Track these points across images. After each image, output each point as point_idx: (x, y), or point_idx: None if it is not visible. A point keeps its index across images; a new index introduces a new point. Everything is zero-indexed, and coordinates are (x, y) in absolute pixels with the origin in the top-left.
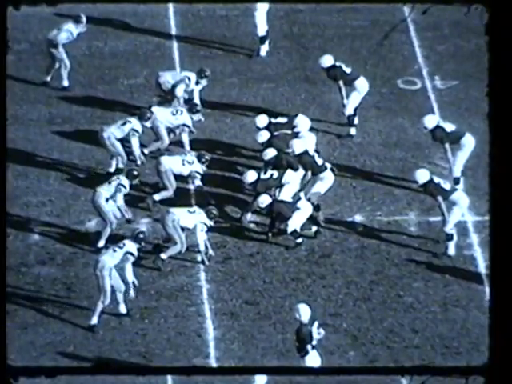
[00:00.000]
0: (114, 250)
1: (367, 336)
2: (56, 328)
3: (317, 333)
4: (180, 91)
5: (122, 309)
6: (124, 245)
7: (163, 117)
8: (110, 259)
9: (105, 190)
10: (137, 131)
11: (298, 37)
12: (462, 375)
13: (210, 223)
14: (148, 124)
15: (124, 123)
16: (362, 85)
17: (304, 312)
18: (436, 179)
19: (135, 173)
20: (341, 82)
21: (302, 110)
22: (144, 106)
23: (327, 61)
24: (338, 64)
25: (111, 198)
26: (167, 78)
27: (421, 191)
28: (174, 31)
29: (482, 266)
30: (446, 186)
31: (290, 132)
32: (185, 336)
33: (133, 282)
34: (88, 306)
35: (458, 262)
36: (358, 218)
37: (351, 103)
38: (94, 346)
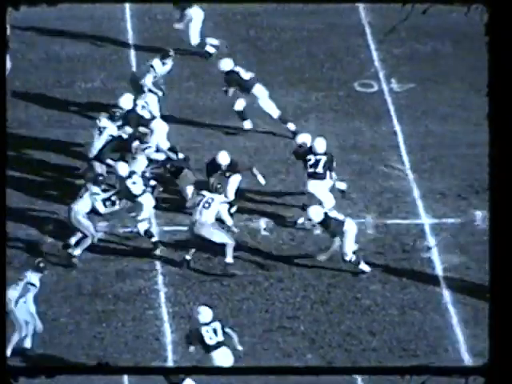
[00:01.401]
0: (17, 284)
1: (325, 339)
2: None
3: (221, 332)
4: (149, 81)
5: (27, 343)
6: (25, 276)
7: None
8: (12, 292)
9: (81, 206)
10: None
11: (255, 40)
12: (461, 375)
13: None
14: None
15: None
16: (260, 91)
17: (205, 314)
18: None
19: (101, 178)
20: (233, 89)
21: (259, 112)
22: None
23: (226, 65)
24: (236, 69)
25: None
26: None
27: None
28: (130, 35)
29: (439, 269)
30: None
31: None
32: (142, 339)
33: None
34: None
35: (416, 265)
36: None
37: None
38: (51, 349)
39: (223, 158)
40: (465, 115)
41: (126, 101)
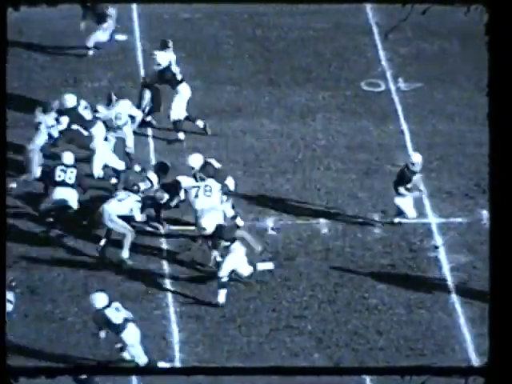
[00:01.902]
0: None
1: (332, 338)
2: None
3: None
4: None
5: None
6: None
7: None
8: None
9: (116, 208)
10: None
11: (262, 39)
12: (461, 375)
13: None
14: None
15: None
16: (185, 90)
17: (99, 299)
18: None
19: (136, 187)
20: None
21: (266, 112)
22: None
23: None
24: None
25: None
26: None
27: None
28: (137, 34)
29: (446, 268)
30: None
31: None
32: (150, 339)
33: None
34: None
35: (423, 264)
36: (322, 220)
37: (175, 108)
38: (59, 348)
39: (195, 161)
40: (472, 114)
41: (69, 99)
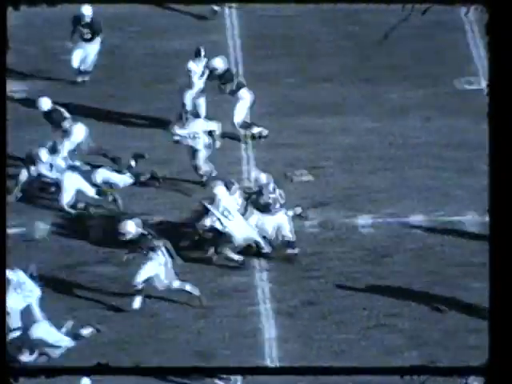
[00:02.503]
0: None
1: (425, 336)
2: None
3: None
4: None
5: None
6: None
7: None
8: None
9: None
10: None
11: (358, 37)
12: (462, 375)
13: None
14: None
15: None
16: (246, 95)
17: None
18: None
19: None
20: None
21: (361, 109)
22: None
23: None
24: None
25: None
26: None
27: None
28: (236, 31)
29: None
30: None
31: None
32: (242, 335)
33: None
34: None
35: None
36: (417, 218)
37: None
38: (155, 344)
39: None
40: None
41: (44, 103)
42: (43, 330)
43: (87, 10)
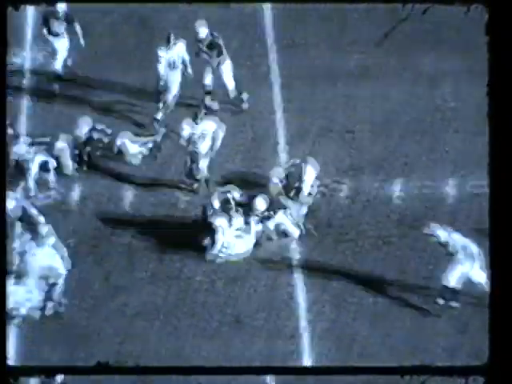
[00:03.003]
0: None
1: (459, 300)
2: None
3: None
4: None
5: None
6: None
7: None
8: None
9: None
10: None
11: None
12: (461, 375)
13: None
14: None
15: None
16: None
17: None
18: None
19: None
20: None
21: (393, 75)
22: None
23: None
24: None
25: None
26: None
27: None
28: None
29: None
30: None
31: None
32: (276, 299)
33: None
34: None
35: None
36: (451, 182)
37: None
38: (186, 309)
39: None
40: None
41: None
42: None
43: (61, 5)
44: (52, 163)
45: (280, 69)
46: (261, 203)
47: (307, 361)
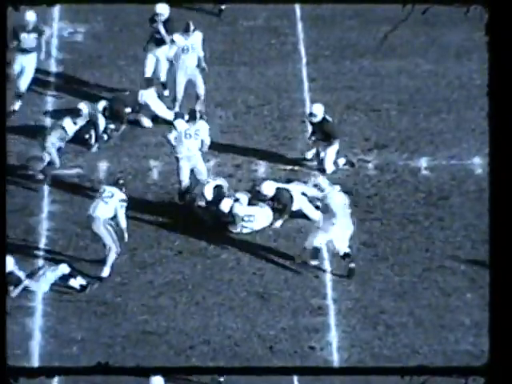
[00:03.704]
0: (106, 202)
1: (485, 279)
2: None
3: None
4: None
5: (105, 272)
6: (112, 194)
7: None
8: (104, 212)
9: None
10: None
11: None
12: (461, 375)
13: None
14: None
15: None
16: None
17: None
18: None
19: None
20: None
21: (421, 52)
22: None
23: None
24: None
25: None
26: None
27: None
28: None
29: None
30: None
31: None
32: (302, 276)
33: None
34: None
35: None
36: (476, 160)
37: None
38: (211, 286)
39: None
40: None
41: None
42: None
43: (31, 16)
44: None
45: (305, 46)
46: (268, 188)
47: (333, 337)
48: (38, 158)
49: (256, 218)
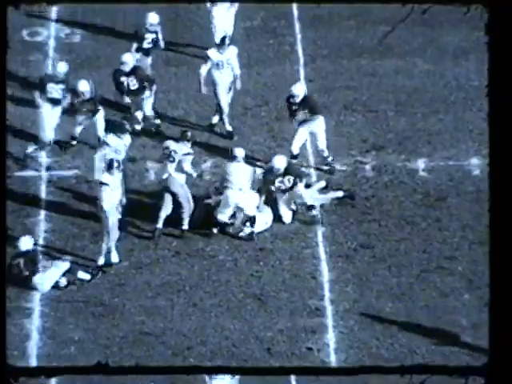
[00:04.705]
0: (172, 160)
1: (482, 279)
2: None
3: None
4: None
5: (185, 225)
6: (176, 151)
7: None
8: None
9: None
10: None
11: None
12: (461, 375)
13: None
14: None
15: None
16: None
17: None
18: None
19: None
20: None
21: (419, 53)
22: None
23: None
24: None
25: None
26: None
27: None
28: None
29: None
30: None
31: None
32: (299, 278)
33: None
34: None
35: None
36: (474, 161)
37: None
38: (209, 287)
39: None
40: None
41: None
42: None
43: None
44: None
45: (303, 46)
46: (280, 161)
47: (331, 338)
48: (35, 155)
49: (256, 221)
